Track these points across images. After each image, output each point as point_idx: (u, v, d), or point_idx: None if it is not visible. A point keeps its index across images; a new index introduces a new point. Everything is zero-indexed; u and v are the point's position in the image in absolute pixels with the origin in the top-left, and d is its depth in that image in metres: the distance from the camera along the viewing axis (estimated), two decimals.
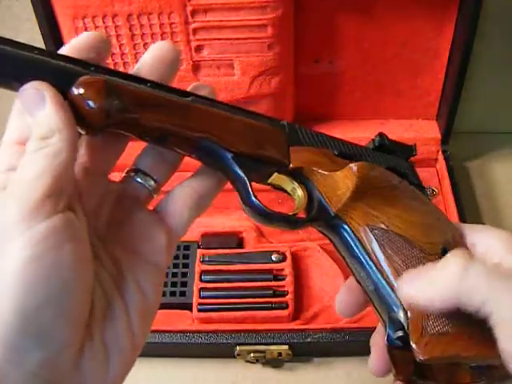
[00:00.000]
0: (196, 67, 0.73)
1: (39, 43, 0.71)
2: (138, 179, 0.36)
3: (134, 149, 0.37)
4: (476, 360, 0.33)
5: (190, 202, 0.36)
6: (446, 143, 0.81)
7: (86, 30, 0.69)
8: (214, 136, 0.34)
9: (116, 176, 0.36)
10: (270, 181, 0.37)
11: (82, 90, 0.31)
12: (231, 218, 0.76)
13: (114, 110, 0.31)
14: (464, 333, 0.32)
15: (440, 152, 0.81)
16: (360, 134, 0.81)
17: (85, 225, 0.31)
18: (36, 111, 0.31)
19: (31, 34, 0.76)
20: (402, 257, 0.35)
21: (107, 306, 0.32)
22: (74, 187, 0.31)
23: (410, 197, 0.38)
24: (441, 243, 0.36)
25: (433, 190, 0.79)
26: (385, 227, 0.36)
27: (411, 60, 0.76)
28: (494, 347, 0.29)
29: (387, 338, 0.34)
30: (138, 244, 0.35)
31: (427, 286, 0.32)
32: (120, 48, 0.71)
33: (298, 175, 0.37)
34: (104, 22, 0.68)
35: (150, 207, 0.37)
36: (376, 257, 0.35)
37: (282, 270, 0.70)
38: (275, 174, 0.37)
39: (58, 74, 0.31)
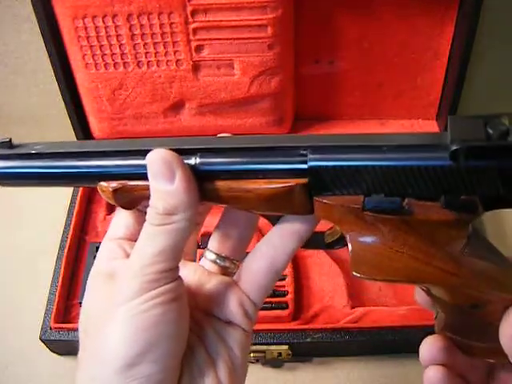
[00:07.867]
0: (196, 67, 0.73)
1: (39, 43, 0.71)
2: (218, 261, 0.38)
3: None
4: None
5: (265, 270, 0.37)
6: None
7: (86, 29, 0.69)
8: None
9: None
10: None
11: None
12: None
13: None
14: None
15: None
16: None
17: (184, 286, 0.33)
18: (163, 185, 0.30)
19: (31, 34, 0.76)
20: None
21: (194, 361, 0.33)
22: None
23: None
24: None
25: None
26: None
27: (411, 60, 0.76)
28: None
29: None
30: (212, 307, 0.36)
31: None
32: (120, 48, 0.71)
33: None
34: (104, 22, 0.68)
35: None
36: None
37: None
38: None
39: None
